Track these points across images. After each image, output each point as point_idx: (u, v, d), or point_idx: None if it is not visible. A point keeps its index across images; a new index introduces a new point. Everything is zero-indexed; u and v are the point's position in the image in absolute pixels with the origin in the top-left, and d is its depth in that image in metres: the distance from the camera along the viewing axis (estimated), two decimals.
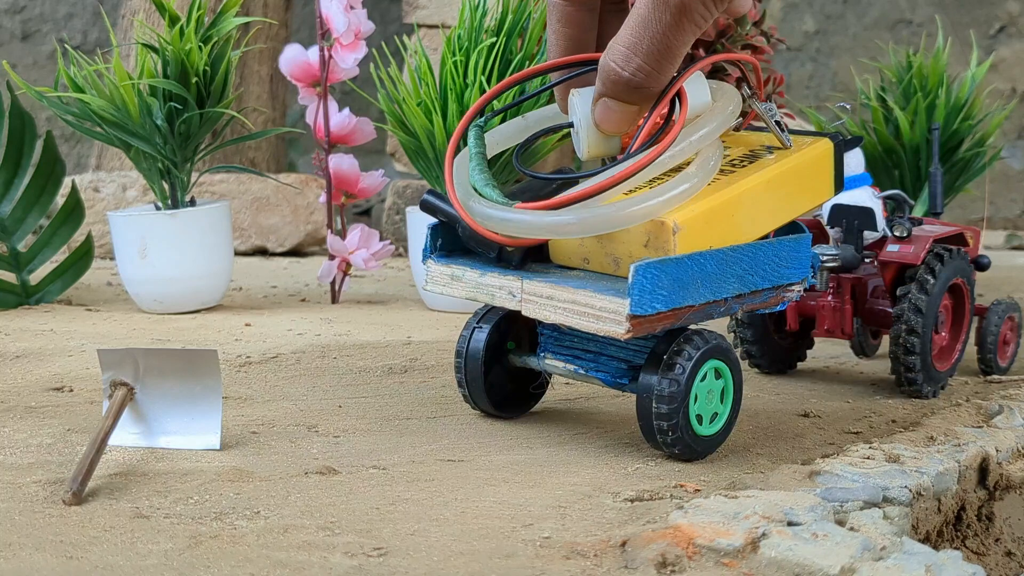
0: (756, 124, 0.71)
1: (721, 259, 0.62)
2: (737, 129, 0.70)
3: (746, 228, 0.64)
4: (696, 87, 0.62)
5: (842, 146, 0.69)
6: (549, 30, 0.65)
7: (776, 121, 0.66)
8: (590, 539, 0.51)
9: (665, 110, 0.61)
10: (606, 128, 0.60)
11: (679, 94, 0.61)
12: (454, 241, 0.68)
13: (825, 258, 0.85)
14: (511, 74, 1.19)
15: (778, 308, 0.68)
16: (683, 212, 0.61)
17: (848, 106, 1.01)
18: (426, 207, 0.69)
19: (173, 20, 1.15)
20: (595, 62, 0.63)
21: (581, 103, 0.62)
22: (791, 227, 0.68)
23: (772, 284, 0.66)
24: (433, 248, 0.69)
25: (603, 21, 0.66)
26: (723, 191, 0.63)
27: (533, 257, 0.68)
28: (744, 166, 0.66)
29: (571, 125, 0.64)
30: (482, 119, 0.67)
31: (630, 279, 0.58)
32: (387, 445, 0.68)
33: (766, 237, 0.66)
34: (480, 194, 0.63)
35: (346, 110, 1.26)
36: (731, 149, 0.69)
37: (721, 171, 0.65)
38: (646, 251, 0.61)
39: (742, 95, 0.66)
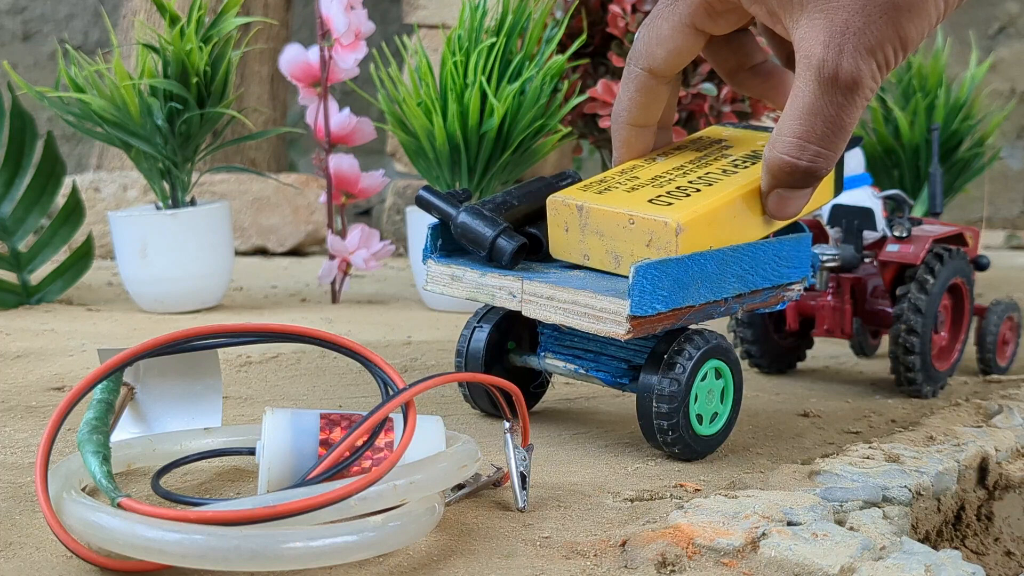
0: (757, 124, 0.71)
1: (721, 259, 0.62)
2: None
3: (747, 228, 0.64)
4: (429, 428, 0.54)
5: None
6: (623, 95, 0.64)
7: (521, 473, 0.56)
8: (590, 539, 0.51)
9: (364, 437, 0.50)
10: (783, 217, 0.63)
11: (407, 413, 0.51)
12: (454, 241, 0.68)
13: (825, 258, 0.85)
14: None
15: (778, 308, 0.68)
16: (686, 212, 0.61)
17: None
18: (420, 202, 0.69)
19: (174, 20, 1.15)
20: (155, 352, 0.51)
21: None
22: (791, 227, 0.68)
23: (772, 284, 0.66)
24: (433, 248, 0.69)
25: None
26: (725, 191, 0.63)
27: (533, 255, 0.68)
28: (747, 166, 0.66)
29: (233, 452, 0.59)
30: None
31: (630, 280, 0.58)
32: None
33: (766, 237, 0.66)
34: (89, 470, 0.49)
35: (346, 110, 1.26)
36: (732, 149, 0.69)
37: (723, 171, 0.65)
38: (648, 251, 0.61)
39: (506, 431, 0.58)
